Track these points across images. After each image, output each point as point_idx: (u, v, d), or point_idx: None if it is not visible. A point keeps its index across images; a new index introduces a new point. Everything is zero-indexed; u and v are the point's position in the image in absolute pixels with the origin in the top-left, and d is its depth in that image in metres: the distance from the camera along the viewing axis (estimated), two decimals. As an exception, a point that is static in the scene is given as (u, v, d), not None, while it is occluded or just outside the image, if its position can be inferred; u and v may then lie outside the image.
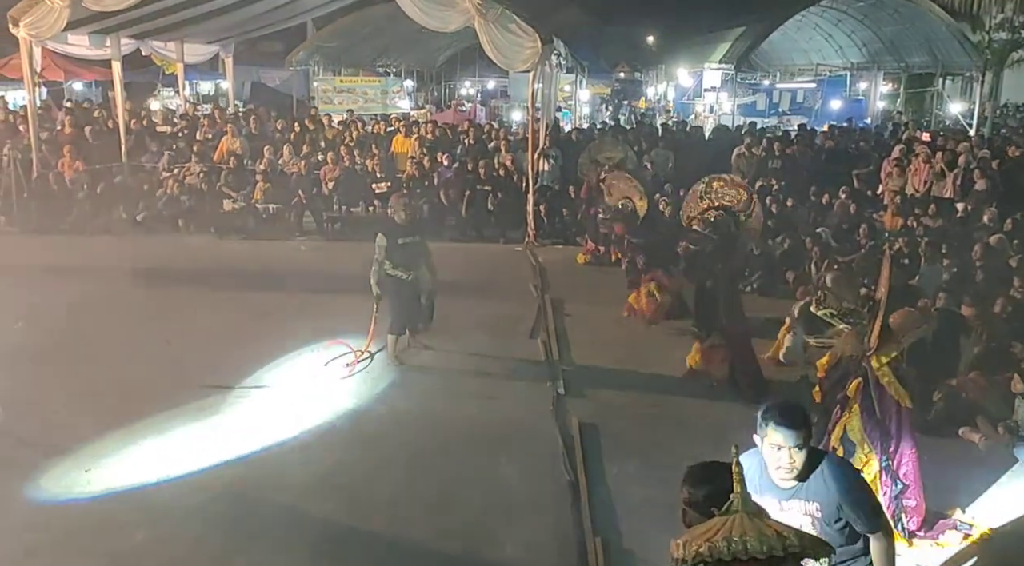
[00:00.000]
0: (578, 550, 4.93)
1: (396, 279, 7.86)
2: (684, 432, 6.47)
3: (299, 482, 5.75)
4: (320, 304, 9.66)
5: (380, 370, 7.83)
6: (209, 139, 16.47)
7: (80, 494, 5.54)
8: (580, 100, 28.08)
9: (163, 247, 12.94)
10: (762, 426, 3.07)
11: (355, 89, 25.02)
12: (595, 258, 12.27)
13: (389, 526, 5.24)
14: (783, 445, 3.03)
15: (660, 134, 18.28)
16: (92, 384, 7.30)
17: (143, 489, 5.59)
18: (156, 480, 5.69)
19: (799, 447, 3.04)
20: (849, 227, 11.63)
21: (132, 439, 6.27)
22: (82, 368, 7.69)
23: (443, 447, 6.29)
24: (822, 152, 15.96)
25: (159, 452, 6.10)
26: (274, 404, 7.03)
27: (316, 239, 13.75)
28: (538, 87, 13.75)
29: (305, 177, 14.64)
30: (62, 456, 5.97)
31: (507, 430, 6.56)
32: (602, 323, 9.37)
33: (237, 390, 7.24)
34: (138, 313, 9.39)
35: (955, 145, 15.03)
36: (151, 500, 5.47)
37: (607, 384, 7.52)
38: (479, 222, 14.17)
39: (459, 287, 10.84)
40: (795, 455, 3.04)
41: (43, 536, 5.04)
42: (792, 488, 3.12)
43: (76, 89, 26.22)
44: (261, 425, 6.58)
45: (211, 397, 7.05)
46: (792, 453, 3.04)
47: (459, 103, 31.44)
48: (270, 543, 5.04)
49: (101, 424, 6.43)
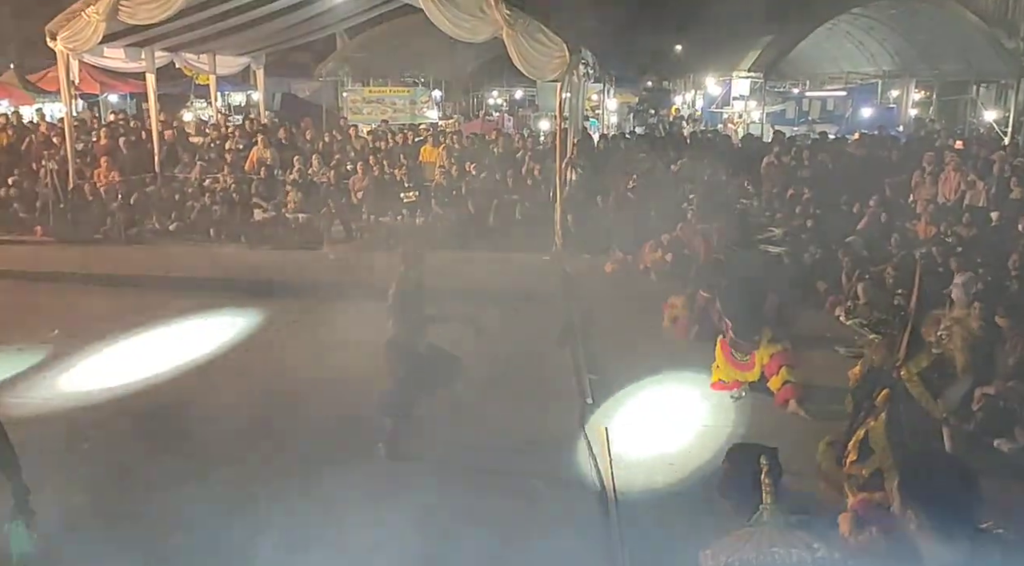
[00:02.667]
0: (607, 561, 4.91)
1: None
2: (713, 442, 6.42)
3: (329, 487, 5.79)
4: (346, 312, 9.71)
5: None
6: (240, 149, 16.69)
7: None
8: (608, 109, 28.07)
9: (194, 256, 13.13)
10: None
11: (384, 99, 25.22)
12: (623, 267, 12.23)
13: (414, 531, 5.25)
14: None
15: (688, 143, 18.22)
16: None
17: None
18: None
19: None
20: (880, 236, 11.50)
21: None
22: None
23: (470, 456, 6.29)
24: (853, 160, 15.80)
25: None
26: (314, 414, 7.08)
27: (345, 248, 13.85)
28: (566, 97, 13.76)
29: (334, 186, 14.77)
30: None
31: (535, 440, 6.54)
32: (631, 332, 9.33)
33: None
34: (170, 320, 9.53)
35: (988, 153, 14.82)
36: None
37: (636, 394, 7.49)
38: (507, 231, 14.19)
39: (486, 297, 10.89)
40: None
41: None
42: None
43: (112, 101, 26.70)
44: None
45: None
46: None
47: (487, 113, 31.57)
48: (298, 546, 5.07)
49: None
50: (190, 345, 8.70)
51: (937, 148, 15.78)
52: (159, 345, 8.79)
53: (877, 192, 12.88)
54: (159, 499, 5.60)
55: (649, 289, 11.46)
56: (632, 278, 11.90)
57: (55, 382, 7.78)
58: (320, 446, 6.46)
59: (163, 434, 6.62)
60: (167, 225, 14.70)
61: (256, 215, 14.27)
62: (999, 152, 14.98)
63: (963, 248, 9.82)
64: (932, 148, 15.71)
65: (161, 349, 8.63)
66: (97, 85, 23.49)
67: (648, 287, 11.55)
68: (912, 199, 13.30)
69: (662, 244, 12.11)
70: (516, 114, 30.79)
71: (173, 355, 8.39)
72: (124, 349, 8.67)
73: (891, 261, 10.27)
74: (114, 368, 8.09)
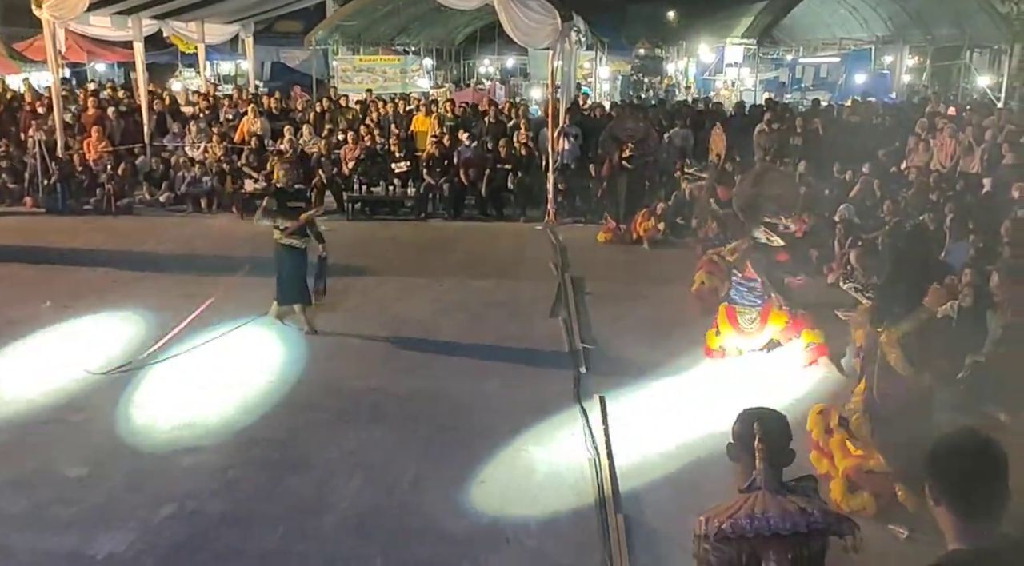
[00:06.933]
0: (600, 527, 4.96)
1: (288, 247, 7.92)
2: (706, 410, 6.46)
3: (324, 458, 5.83)
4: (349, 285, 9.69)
5: (401, 346, 7.88)
6: (230, 119, 16.54)
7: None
8: (600, 77, 27.87)
9: (187, 227, 13.07)
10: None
11: (374, 68, 24.94)
12: (616, 237, 12.23)
13: (411, 503, 5.30)
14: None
15: (680, 112, 18.11)
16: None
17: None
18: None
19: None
20: (873, 204, 11.50)
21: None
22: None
23: (465, 425, 6.33)
24: (846, 127, 15.74)
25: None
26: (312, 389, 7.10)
27: (338, 219, 13.81)
28: (558, 65, 13.66)
29: (326, 157, 14.68)
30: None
31: (529, 408, 6.57)
32: (624, 301, 9.36)
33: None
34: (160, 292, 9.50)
35: (981, 119, 14.77)
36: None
37: (629, 362, 7.51)
38: (499, 201, 14.16)
39: (479, 266, 10.91)
40: None
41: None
42: None
43: (99, 70, 26.38)
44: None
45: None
46: None
47: (478, 81, 31.31)
48: (297, 517, 5.12)
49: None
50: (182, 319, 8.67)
51: (930, 114, 15.73)
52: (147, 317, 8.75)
53: (870, 159, 12.85)
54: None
55: (642, 258, 11.49)
56: (625, 247, 11.91)
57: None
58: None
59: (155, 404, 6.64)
60: (157, 196, 14.62)
61: (247, 186, 14.19)
62: (991, 118, 14.95)
63: (955, 215, 9.83)
64: (925, 114, 15.66)
65: (151, 321, 8.59)
66: (84, 54, 23.17)
67: (641, 256, 11.57)
68: (905, 166, 13.28)
69: (655, 213, 12.10)
70: (508, 83, 30.53)
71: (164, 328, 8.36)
72: (115, 321, 8.62)
73: (883, 228, 10.29)
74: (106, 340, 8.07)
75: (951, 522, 2.04)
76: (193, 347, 7.80)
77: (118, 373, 7.22)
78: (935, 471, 2.06)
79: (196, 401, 6.69)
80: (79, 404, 6.67)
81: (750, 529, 2.08)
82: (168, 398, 6.77)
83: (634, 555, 4.66)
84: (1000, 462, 2.04)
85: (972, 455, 2.04)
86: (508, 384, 7.05)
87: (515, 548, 4.85)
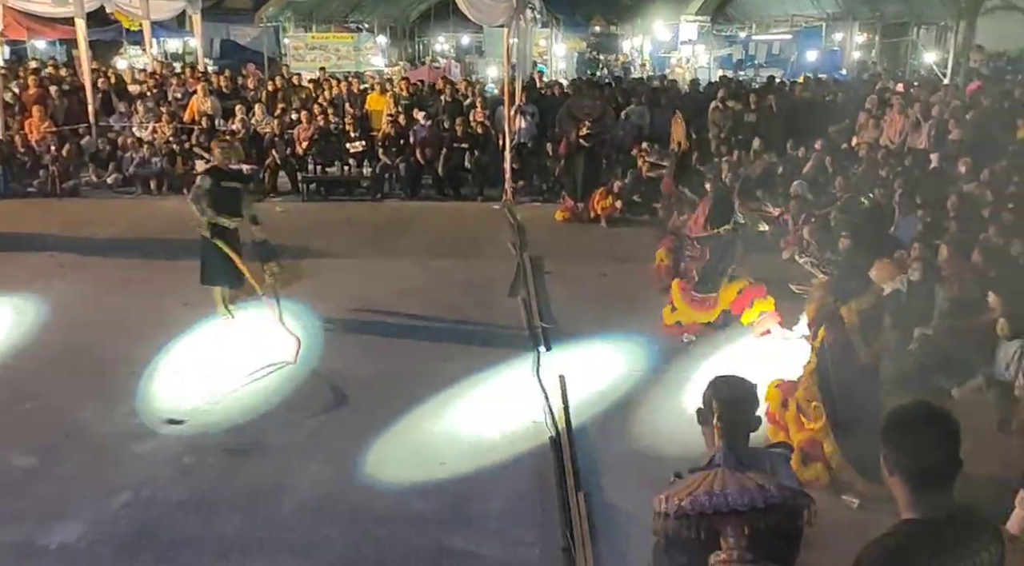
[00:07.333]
0: (561, 505, 4.98)
1: (216, 227, 7.61)
2: (663, 387, 6.53)
3: (282, 442, 5.77)
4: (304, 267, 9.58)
5: (359, 329, 7.82)
6: (179, 98, 16.17)
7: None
8: (556, 55, 27.77)
9: (136, 209, 12.78)
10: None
11: (327, 46, 24.50)
12: (573, 215, 12.24)
13: (371, 486, 5.27)
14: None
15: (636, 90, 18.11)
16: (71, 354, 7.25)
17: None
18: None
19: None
20: (825, 180, 11.67)
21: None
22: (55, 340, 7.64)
23: (426, 406, 6.30)
24: (799, 104, 15.91)
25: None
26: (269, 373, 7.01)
27: (292, 200, 13.63)
28: (513, 42, 13.58)
29: (279, 137, 14.44)
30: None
31: (489, 388, 6.59)
32: (582, 280, 9.39)
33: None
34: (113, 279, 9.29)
35: (928, 95, 15.03)
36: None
37: (588, 341, 7.55)
38: (456, 180, 14.07)
39: (437, 246, 10.86)
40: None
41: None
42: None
43: (39, 48, 25.56)
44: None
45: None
46: None
47: (433, 60, 30.98)
48: (256, 502, 5.07)
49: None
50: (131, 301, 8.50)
51: (880, 91, 15.97)
52: (97, 301, 8.56)
53: (822, 136, 13.02)
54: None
55: (600, 236, 11.53)
56: (583, 226, 11.93)
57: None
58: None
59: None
60: (104, 178, 14.28)
61: (198, 166, 13.88)
62: (938, 94, 15.22)
63: (904, 190, 10.01)
64: (875, 91, 15.89)
65: (99, 305, 8.41)
66: (24, 31, 22.40)
67: (599, 234, 11.61)
68: (856, 142, 13.48)
69: (613, 191, 12.13)
70: (463, 61, 30.27)
71: (110, 311, 8.20)
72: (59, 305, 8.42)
73: (835, 204, 10.44)
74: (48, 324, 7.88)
75: (905, 492, 2.08)
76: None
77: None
78: (890, 443, 2.10)
79: (148, 388, 6.57)
80: (26, 393, 6.50)
81: (709, 506, 2.11)
82: (118, 385, 6.64)
83: (595, 532, 4.70)
84: (953, 433, 2.08)
85: (926, 427, 2.08)
86: (468, 365, 7.02)
87: (478, 528, 4.86)
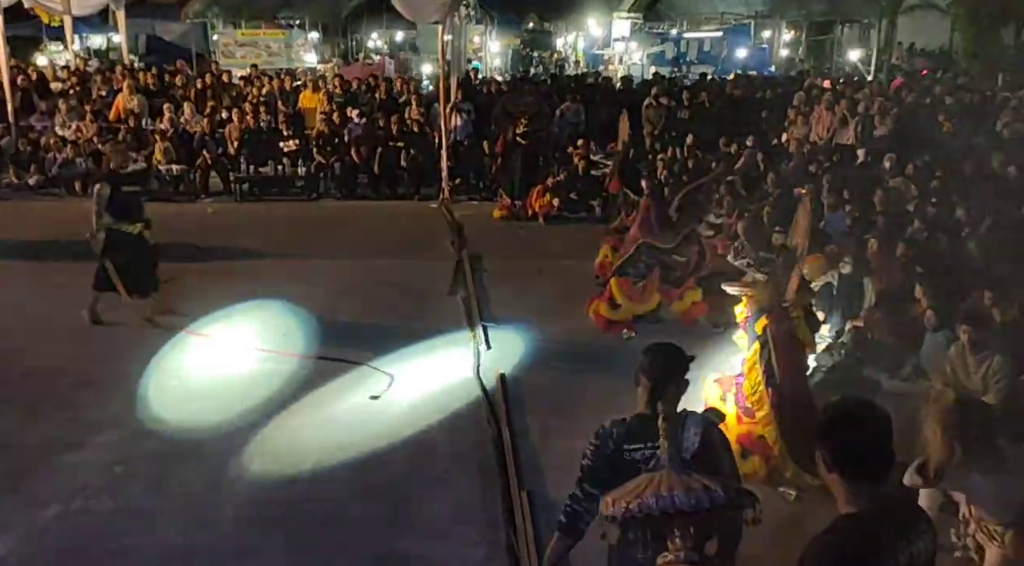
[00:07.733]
0: (504, 504, 4.98)
1: (119, 233, 7.57)
2: (604, 384, 6.57)
3: (220, 448, 5.64)
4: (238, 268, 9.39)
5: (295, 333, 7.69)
6: (104, 97, 15.66)
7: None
8: (490, 51, 27.78)
9: (60, 212, 12.34)
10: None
11: (258, 42, 24.05)
12: (511, 213, 12.26)
13: (313, 489, 5.20)
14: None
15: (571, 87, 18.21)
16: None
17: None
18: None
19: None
20: (757, 176, 11.90)
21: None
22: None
23: (365, 407, 6.24)
24: (730, 101, 16.20)
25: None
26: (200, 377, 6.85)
27: (225, 200, 13.33)
28: (448, 39, 13.51)
29: (209, 136, 14.10)
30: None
31: (429, 388, 6.55)
32: (521, 277, 9.40)
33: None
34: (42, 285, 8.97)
35: (854, 92, 15.47)
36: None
37: (528, 339, 7.57)
38: (392, 179, 13.96)
39: (374, 246, 10.76)
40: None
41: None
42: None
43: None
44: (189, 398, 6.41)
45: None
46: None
47: (367, 56, 30.68)
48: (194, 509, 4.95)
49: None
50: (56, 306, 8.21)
51: (808, 88, 16.37)
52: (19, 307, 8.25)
53: (753, 132, 13.28)
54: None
55: (538, 234, 11.57)
56: (521, 224, 11.96)
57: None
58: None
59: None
60: (26, 179, 13.77)
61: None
62: (864, 91, 15.68)
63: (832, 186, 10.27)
64: (802, 88, 16.29)
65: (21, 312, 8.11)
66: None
67: (537, 232, 11.65)
68: (786, 138, 13.79)
69: (550, 189, 12.18)
70: (397, 57, 30.03)
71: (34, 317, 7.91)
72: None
73: (767, 200, 10.67)
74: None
75: (844, 487, 2.14)
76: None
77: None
78: (828, 441, 2.14)
79: (72, 398, 6.36)
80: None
81: (656, 508, 2.13)
82: (42, 394, 6.40)
83: (539, 530, 4.70)
84: (886, 428, 2.14)
85: (862, 424, 2.14)
86: (407, 364, 6.98)
87: (423, 529, 4.83)
